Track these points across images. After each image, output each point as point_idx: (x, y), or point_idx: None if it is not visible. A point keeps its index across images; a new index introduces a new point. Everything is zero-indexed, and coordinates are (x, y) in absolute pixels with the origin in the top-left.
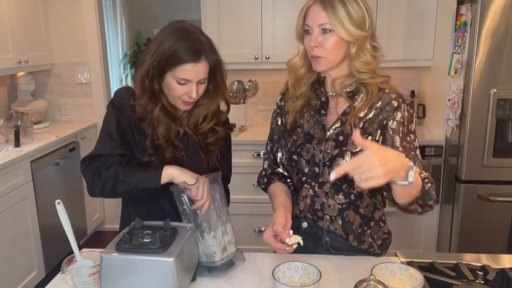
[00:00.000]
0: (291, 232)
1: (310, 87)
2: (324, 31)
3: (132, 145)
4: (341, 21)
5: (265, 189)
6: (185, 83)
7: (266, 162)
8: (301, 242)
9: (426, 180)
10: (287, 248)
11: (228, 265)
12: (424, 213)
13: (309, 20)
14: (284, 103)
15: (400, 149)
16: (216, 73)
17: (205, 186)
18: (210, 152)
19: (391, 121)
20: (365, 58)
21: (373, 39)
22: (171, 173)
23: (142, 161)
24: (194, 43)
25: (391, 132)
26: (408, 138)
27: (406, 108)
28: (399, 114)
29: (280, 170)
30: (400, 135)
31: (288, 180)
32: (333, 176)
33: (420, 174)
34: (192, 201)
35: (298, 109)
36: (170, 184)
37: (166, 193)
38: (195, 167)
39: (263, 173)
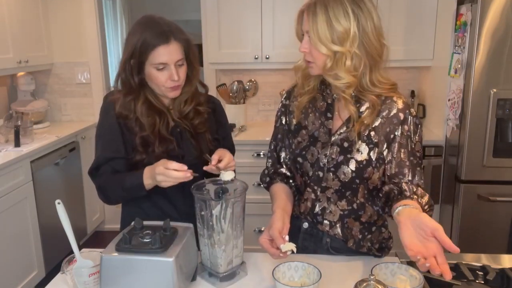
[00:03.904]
0: (286, 237)
1: (319, 85)
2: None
3: (125, 146)
4: (316, 30)
5: (267, 188)
6: (163, 68)
7: (270, 161)
8: (294, 250)
9: (426, 207)
10: (281, 254)
11: (230, 276)
12: None
13: (302, 25)
14: (289, 102)
15: (407, 163)
16: (189, 54)
17: (182, 170)
18: (200, 135)
19: (398, 135)
20: (340, 74)
21: (357, 56)
22: (152, 184)
23: (134, 160)
24: (159, 27)
25: (398, 146)
26: (413, 151)
27: (412, 121)
28: (405, 128)
29: (283, 170)
30: (409, 149)
31: (291, 181)
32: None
33: (422, 198)
34: (210, 210)
35: (303, 106)
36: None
37: (165, 195)
38: (189, 157)
39: (266, 172)
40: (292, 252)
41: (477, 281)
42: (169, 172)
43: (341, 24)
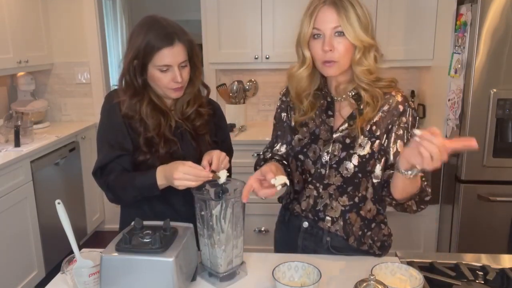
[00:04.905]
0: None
1: (313, 93)
2: (339, 33)
3: (130, 144)
4: (352, 24)
5: None
6: (167, 70)
7: (268, 154)
8: (287, 182)
9: (423, 178)
10: (264, 194)
11: (230, 276)
12: (418, 211)
13: (320, 23)
14: (289, 99)
15: None
16: (192, 55)
17: (199, 175)
18: (200, 137)
19: (396, 126)
20: (368, 65)
21: (377, 49)
22: (165, 184)
23: (137, 160)
24: (163, 29)
25: (395, 137)
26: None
27: (411, 113)
28: (403, 119)
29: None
30: (404, 141)
31: (289, 169)
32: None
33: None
34: (210, 210)
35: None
36: None
37: (165, 196)
38: (190, 159)
39: (262, 156)
40: (285, 185)
41: (477, 281)
42: (200, 179)
43: (366, 17)
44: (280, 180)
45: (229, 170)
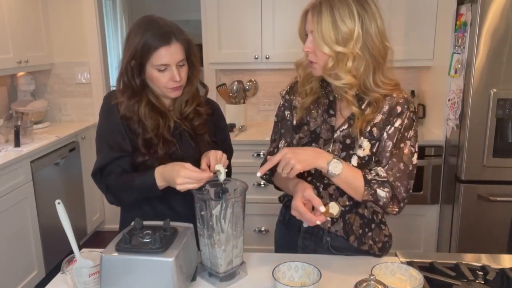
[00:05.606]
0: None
1: (320, 84)
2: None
3: (129, 146)
4: (321, 31)
5: (269, 180)
6: (165, 69)
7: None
8: (336, 212)
9: (373, 181)
10: (318, 222)
11: (230, 276)
12: (391, 213)
13: (306, 24)
14: (294, 97)
15: (388, 154)
16: (190, 54)
17: (201, 177)
18: (199, 137)
19: (390, 126)
20: (340, 74)
21: (361, 58)
22: (165, 185)
23: (136, 161)
24: (160, 28)
25: (386, 136)
26: (401, 145)
27: (408, 115)
28: (398, 121)
29: None
30: (394, 141)
31: None
32: (259, 174)
33: (373, 175)
34: (210, 210)
35: (307, 106)
36: None
37: (165, 196)
38: (189, 159)
39: (268, 157)
40: (333, 215)
41: (477, 281)
42: (202, 181)
43: (346, 24)
44: (335, 209)
45: (229, 169)
